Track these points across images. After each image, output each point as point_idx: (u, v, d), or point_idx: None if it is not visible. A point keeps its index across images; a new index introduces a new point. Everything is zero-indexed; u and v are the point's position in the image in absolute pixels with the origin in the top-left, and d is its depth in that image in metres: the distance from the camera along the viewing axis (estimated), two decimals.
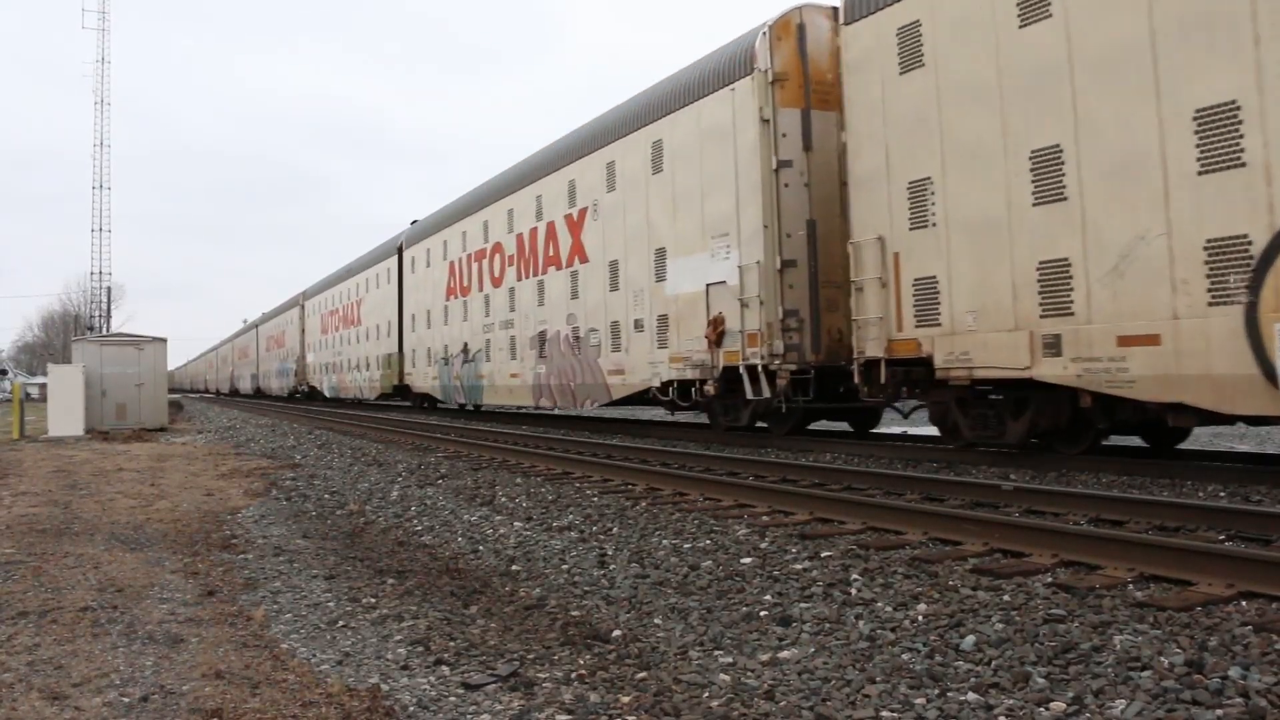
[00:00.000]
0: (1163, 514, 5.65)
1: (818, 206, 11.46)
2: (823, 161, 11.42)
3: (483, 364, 20.75)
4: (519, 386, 18.75)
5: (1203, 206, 6.97)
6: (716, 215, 12.36)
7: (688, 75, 13.47)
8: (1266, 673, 3.03)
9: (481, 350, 20.80)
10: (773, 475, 8.59)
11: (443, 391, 23.93)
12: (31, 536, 6.80)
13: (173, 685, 3.43)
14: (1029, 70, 8.27)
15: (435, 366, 23.96)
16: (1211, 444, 11.64)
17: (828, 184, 11.39)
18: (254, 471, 11.67)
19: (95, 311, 68.09)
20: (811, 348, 11.30)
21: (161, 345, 23.11)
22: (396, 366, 27.26)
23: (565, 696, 3.27)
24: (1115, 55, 7.56)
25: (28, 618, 4.43)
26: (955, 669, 3.32)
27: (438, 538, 6.70)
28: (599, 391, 15.61)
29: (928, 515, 5.71)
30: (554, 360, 17.24)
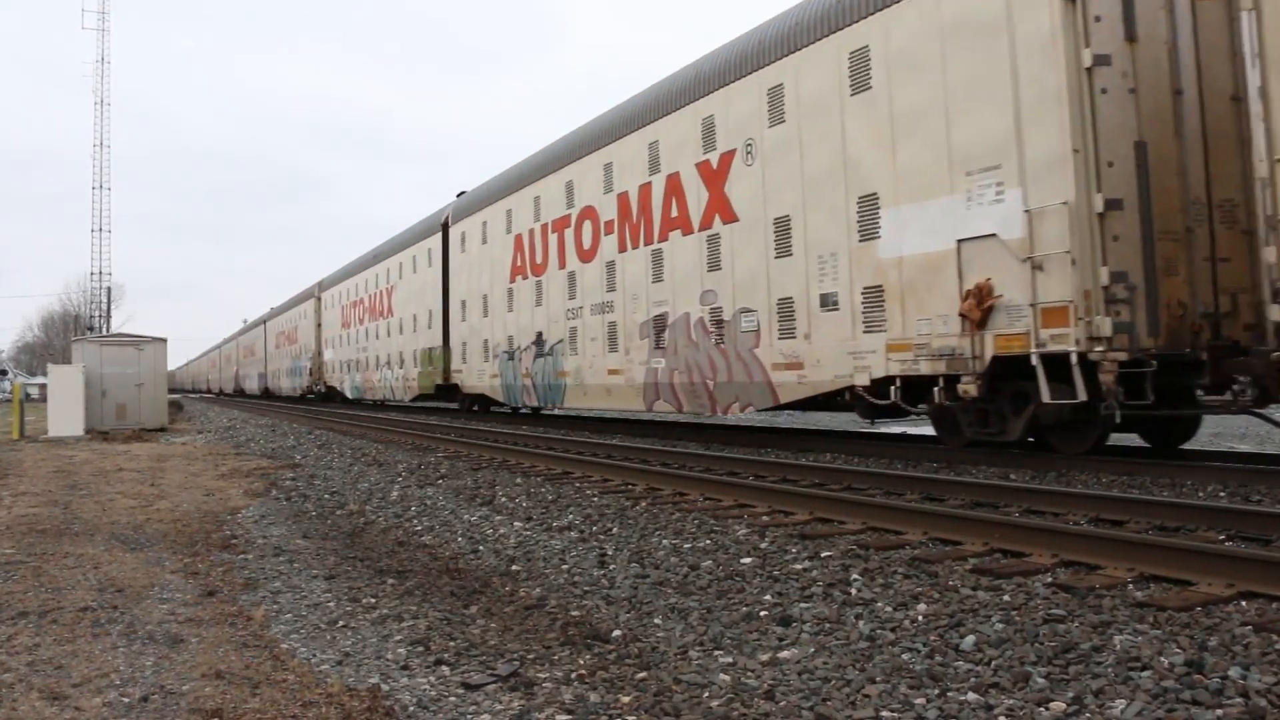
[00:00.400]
0: (1163, 514, 5.65)
1: (1148, 124, 8.05)
2: (1152, 58, 8.16)
3: (564, 358, 16.72)
4: (622, 386, 14.90)
5: None
6: (977, 142, 8.77)
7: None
8: (1266, 673, 3.03)
9: (563, 341, 16.82)
10: (773, 475, 8.59)
11: (505, 392, 19.44)
12: (31, 537, 6.80)
13: (173, 685, 3.43)
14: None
15: (495, 362, 19.83)
16: (1212, 444, 11.64)
17: (1159, 91, 8.17)
18: (254, 471, 11.67)
19: (95, 312, 68.09)
20: (1148, 328, 7.82)
21: (161, 345, 23.11)
22: (441, 362, 23.14)
23: (565, 696, 3.27)
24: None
25: (28, 618, 4.43)
26: (955, 669, 3.32)
27: (438, 538, 6.70)
28: (757, 393, 11.86)
29: (928, 515, 5.71)
30: (679, 352, 13.39)
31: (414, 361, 25.50)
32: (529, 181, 18.40)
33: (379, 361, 29.35)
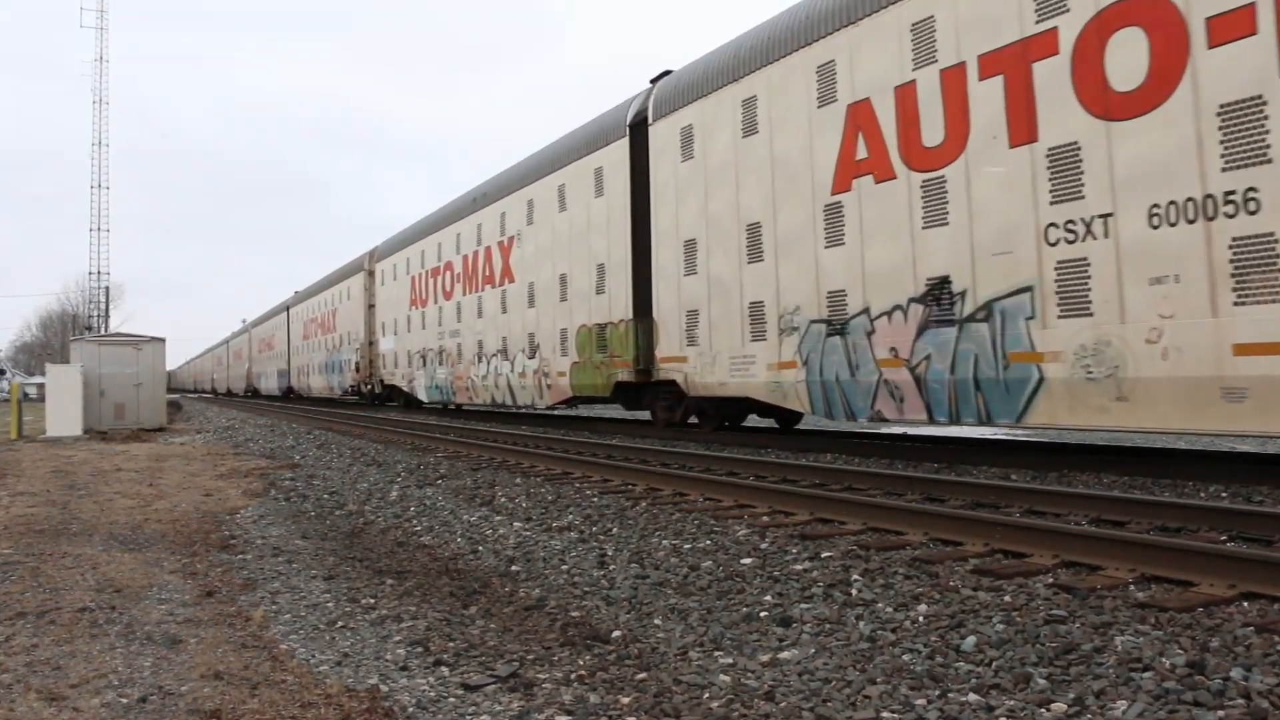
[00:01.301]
0: (1164, 514, 5.64)
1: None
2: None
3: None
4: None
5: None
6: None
7: None
8: (1268, 674, 3.02)
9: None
10: (773, 475, 8.58)
11: (824, 396, 10.65)
12: (29, 537, 6.78)
13: (171, 686, 3.42)
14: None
15: (789, 341, 11.12)
16: (1213, 445, 11.64)
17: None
18: (253, 472, 11.65)
19: (93, 311, 68.06)
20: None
21: (160, 345, 23.09)
22: (634, 341, 14.34)
23: (565, 697, 3.26)
24: None
25: (26, 618, 4.42)
26: (956, 670, 3.31)
27: (437, 538, 6.69)
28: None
29: (928, 516, 5.70)
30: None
31: (560, 346, 16.87)
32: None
33: (482, 350, 20.86)
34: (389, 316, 28.55)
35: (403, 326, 27.03)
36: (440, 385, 23.81)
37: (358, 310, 31.68)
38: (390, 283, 28.57)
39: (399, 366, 27.46)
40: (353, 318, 32.73)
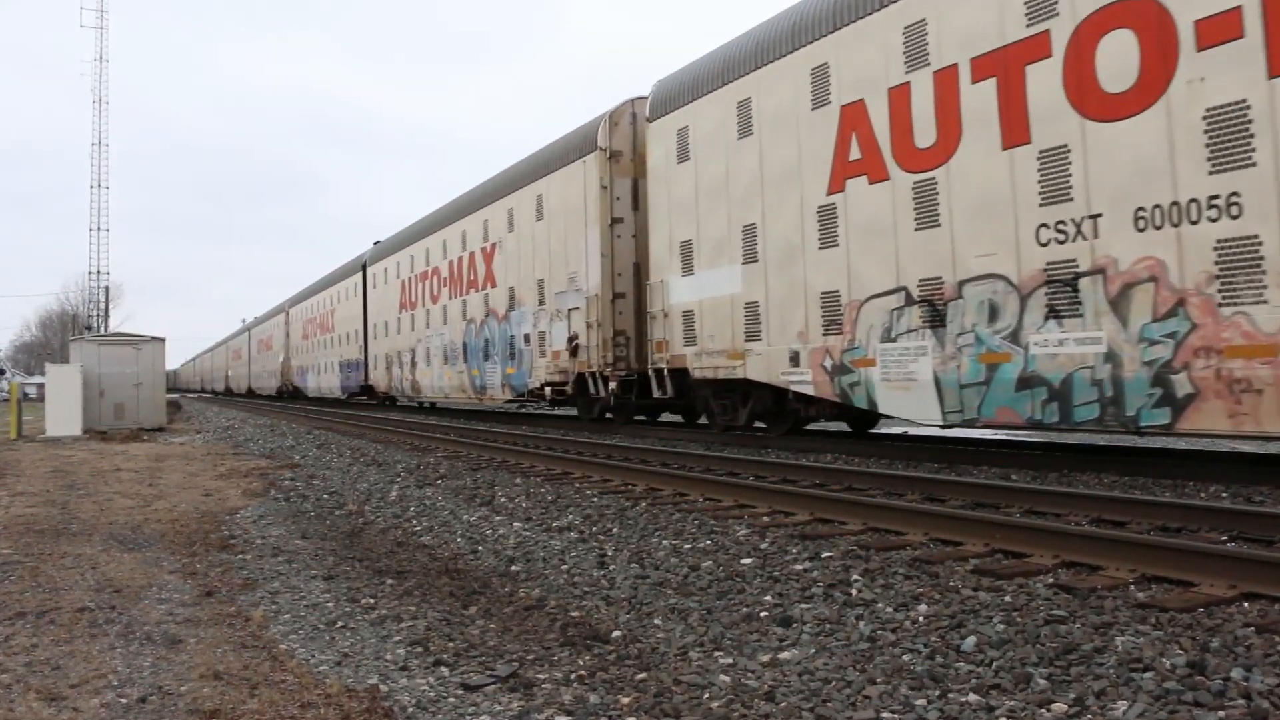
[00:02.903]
0: (1164, 515, 5.64)
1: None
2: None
3: None
4: None
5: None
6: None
7: None
8: (1269, 674, 3.02)
9: None
10: (773, 475, 8.58)
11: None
12: (29, 537, 6.78)
13: (171, 686, 3.41)
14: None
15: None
16: (1214, 445, 11.64)
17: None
18: (252, 471, 11.65)
19: (93, 311, 68.07)
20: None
21: (160, 345, 23.10)
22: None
23: (565, 697, 3.26)
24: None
25: (25, 618, 4.41)
26: (956, 670, 3.31)
27: (437, 538, 6.69)
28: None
29: (929, 516, 5.70)
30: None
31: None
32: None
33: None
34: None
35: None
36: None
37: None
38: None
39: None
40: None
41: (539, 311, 17.51)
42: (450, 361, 22.44)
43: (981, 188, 8.75)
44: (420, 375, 24.70)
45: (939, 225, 9.23)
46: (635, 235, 15.17)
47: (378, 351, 29.00)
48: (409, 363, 25.66)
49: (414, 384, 25.43)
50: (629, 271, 15.26)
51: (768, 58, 11.59)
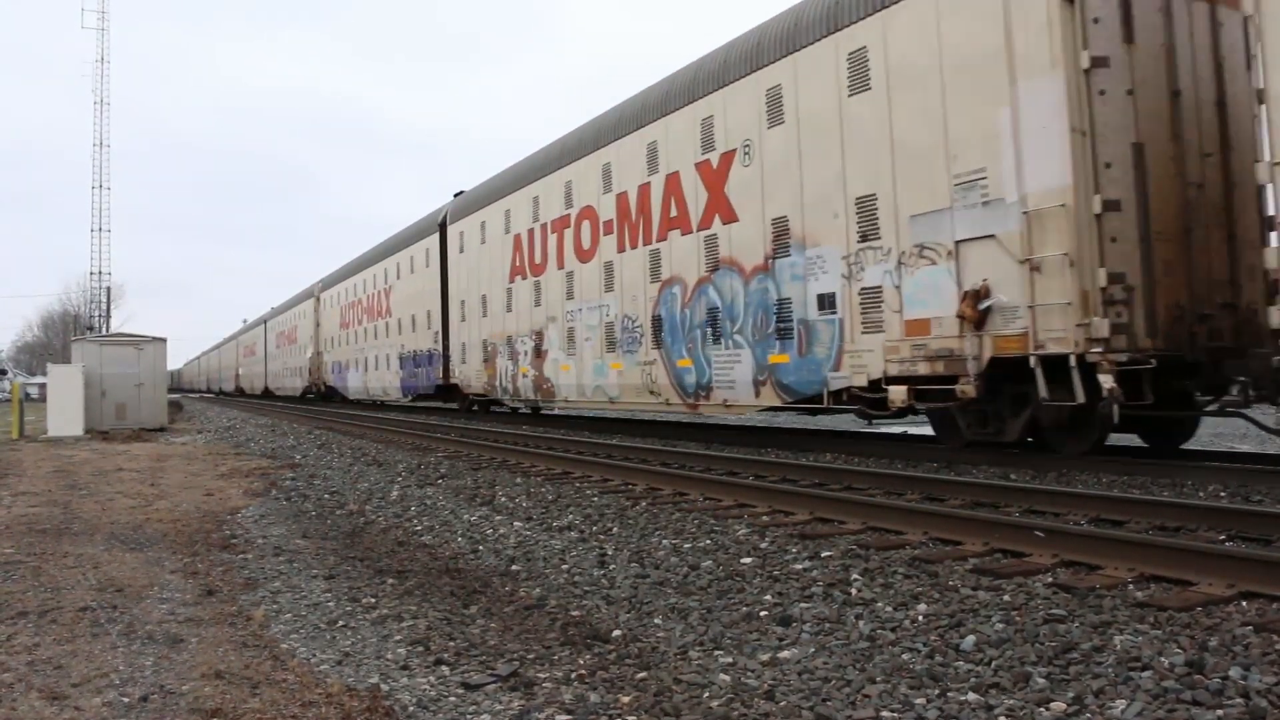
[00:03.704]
0: (1163, 514, 5.65)
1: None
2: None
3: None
4: None
5: None
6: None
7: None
8: (1267, 673, 3.03)
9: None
10: (773, 475, 8.59)
11: None
12: (31, 536, 6.79)
13: (172, 685, 3.42)
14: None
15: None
16: (1212, 444, 11.64)
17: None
18: (254, 471, 11.66)
19: (95, 311, 68.09)
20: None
21: (161, 345, 23.12)
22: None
23: (565, 696, 3.27)
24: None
25: (27, 618, 4.43)
26: (955, 669, 3.32)
27: (437, 538, 6.70)
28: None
29: (928, 515, 5.71)
30: None
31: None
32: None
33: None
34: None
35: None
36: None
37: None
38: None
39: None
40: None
41: (858, 253, 10.11)
42: (621, 347, 14.83)
43: None
44: (556, 370, 16.90)
45: None
46: (1132, 91, 8.00)
47: (467, 338, 21.30)
48: (529, 351, 17.91)
49: (542, 382, 17.52)
50: (1124, 159, 7.89)
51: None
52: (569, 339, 16.48)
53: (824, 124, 10.62)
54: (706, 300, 12.69)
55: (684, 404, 13.30)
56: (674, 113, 13.63)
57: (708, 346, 12.62)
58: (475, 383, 21.04)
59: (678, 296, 13.36)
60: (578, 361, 16.20)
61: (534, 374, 17.91)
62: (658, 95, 14.30)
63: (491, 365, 20.00)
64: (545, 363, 17.39)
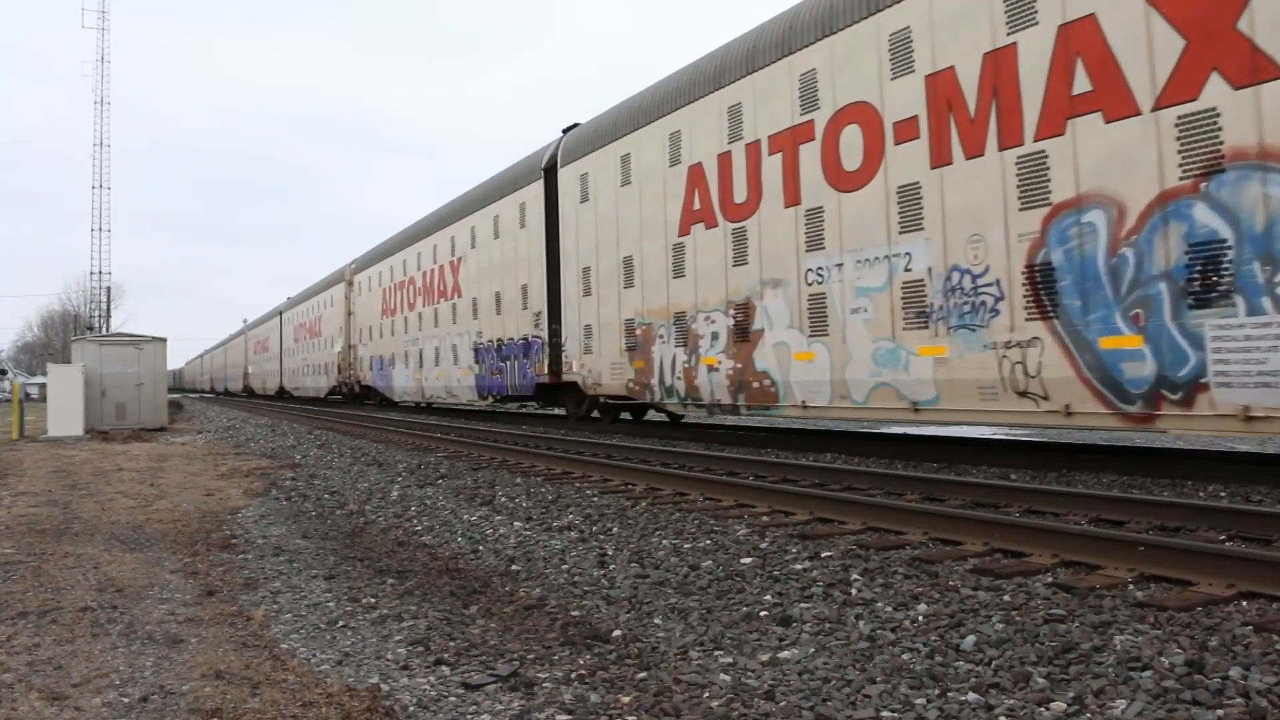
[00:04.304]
0: (1163, 514, 5.65)
1: None
2: None
3: None
4: None
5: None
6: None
7: None
8: (1267, 673, 3.03)
9: None
10: (773, 475, 8.59)
11: None
12: (31, 536, 6.79)
13: (172, 685, 3.42)
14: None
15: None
16: (1212, 444, 11.64)
17: None
18: (254, 471, 11.66)
19: (95, 311, 68.09)
20: None
21: (161, 345, 23.13)
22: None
23: (565, 696, 3.27)
24: None
25: (27, 618, 4.43)
26: (955, 669, 3.32)
27: (438, 537, 6.70)
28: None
29: (928, 515, 5.71)
30: None
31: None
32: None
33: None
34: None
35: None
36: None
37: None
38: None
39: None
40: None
41: None
42: (942, 318, 9.17)
43: None
44: (783, 359, 11.15)
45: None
46: None
47: (595, 319, 15.47)
48: (721, 333, 12.24)
49: (751, 378, 11.67)
50: None
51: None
52: (814, 311, 10.69)
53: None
54: (1185, 229, 7.11)
55: (1114, 413, 7.66)
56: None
57: (1190, 313, 7.03)
58: (609, 379, 15.06)
59: (1098, 229, 7.74)
60: (833, 345, 10.38)
61: (731, 366, 11.99)
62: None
63: (643, 355, 14.05)
64: (759, 349, 11.53)
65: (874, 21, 9.94)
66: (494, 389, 19.67)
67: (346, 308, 32.66)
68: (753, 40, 12.02)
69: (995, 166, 8.65)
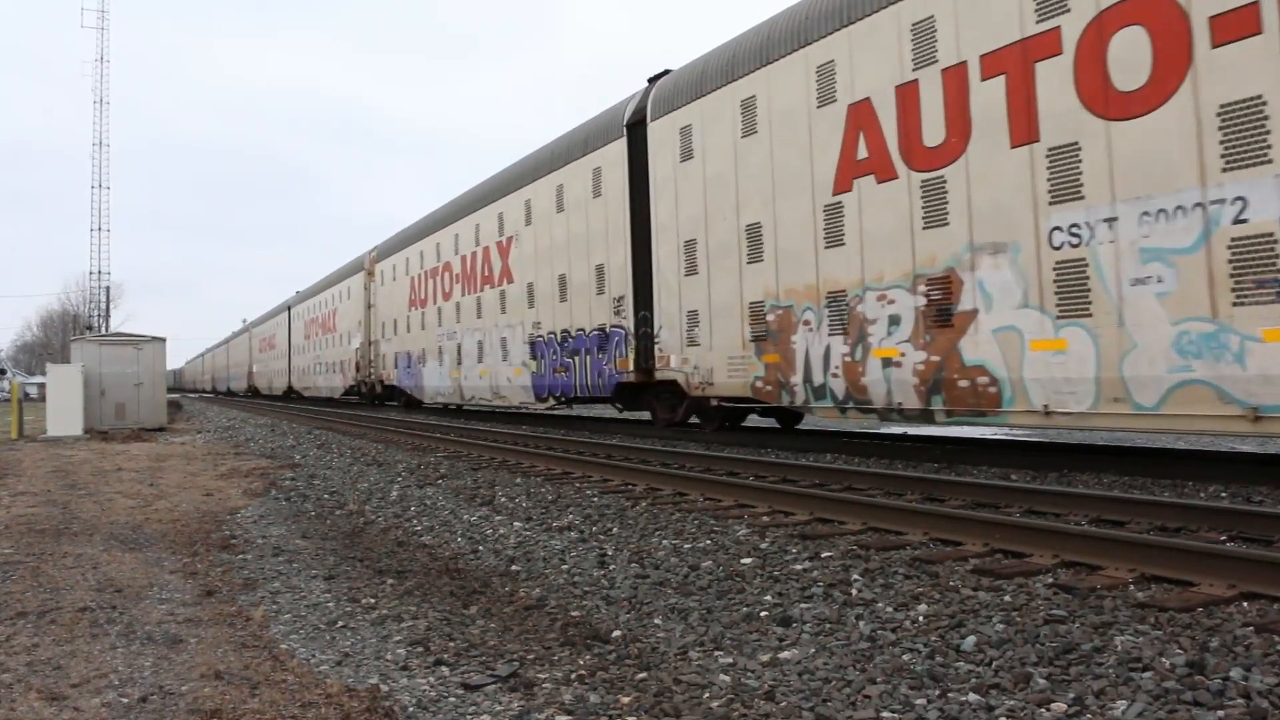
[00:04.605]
0: (1164, 514, 5.65)
1: None
2: None
3: None
4: None
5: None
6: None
7: None
8: (1268, 674, 3.03)
9: None
10: (773, 475, 8.58)
11: None
12: (30, 536, 6.79)
13: (172, 686, 3.42)
14: None
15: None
16: (1213, 445, 11.64)
17: None
18: (253, 471, 11.66)
19: (94, 311, 68.08)
20: None
21: (160, 345, 23.12)
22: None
23: (565, 697, 3.26)
24: None
25: (26, 618, 4.42)
26: (956, 669, 3.31)
27: (437, 538, 6.69)
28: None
29: (928, 515, 5.71)
30: None
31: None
32: None
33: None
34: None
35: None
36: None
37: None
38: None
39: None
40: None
41: None
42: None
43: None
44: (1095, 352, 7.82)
45: None
46: None
47: (702, 302, 12.73)
48: (921, 312, 9.37)
49: (994, 380, 8.63)
50: None
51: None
52: (1065, 284, 8.03)
53: None
54: None
55: None
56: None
57: None
58: (724, 377, 12.22)
59: None
60: (1101, 330, 7.75)
61: (921, 360, 9.34)
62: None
63: (778, 346, 11.26)
64: (969, 336, 8.87)
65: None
66: (556, 389, 16.64)
67: (366, 300, 29.81)
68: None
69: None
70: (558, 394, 16.64)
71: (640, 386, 14.39)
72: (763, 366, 11.51)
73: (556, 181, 16.83)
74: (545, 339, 17.18)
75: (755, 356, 11.65)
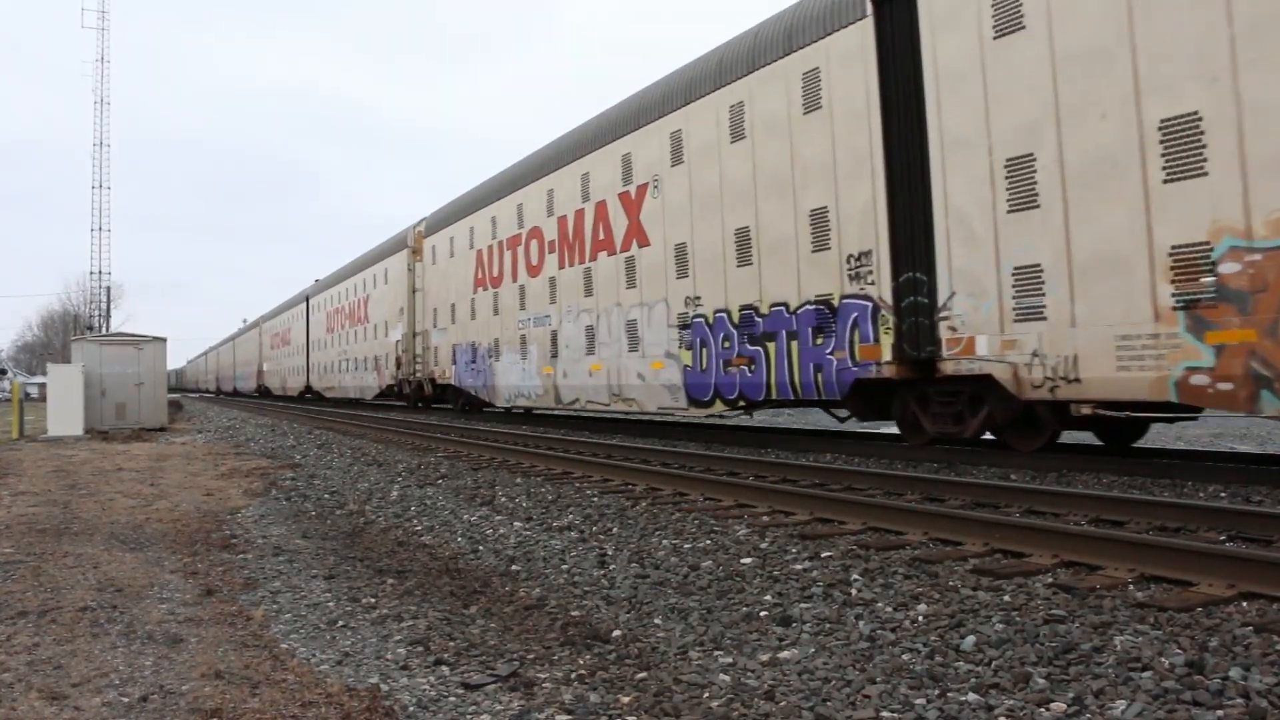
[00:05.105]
0: (1163, 514, 5.65)
1: None
2: None
3: None
4: None
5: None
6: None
7: None
8: (1267, 673, 3.03)
9: None
10: (773, 475, 8.58)
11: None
12: (31, 536, 6.79)
13: (172, 685, 3.42)
14: None
15: None
16: (1213, 445, 11.64)
17: None
18: (254, 471, 11.66)
19: (95, 311, 68.08)
20: None
21: (161, 345, 23.12)
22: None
23: (565, 696, 3.26)
24: None
25: (27, 617, 4.43)
26: (955, 669, 3.31)
27: (437, 538, 6.70)
28: None
29: (928, 515, 5.71)
30: None
31: None
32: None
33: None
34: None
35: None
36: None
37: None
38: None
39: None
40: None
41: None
42: None
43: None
44: None
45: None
46: None
47: (1073, 246, 7.98)
48: None
49: None
50: None
51: None
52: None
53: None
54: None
55: None
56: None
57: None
58: (1103, 369, 7.86)
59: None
60: None
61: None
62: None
63: (1253, 313, 6.80)
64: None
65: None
66: (730, 389, 12.35)
67: (411, 283, 24.79)
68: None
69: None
70: (732, 396, 12.30)
71: (896, 384, 10.18)
72: (1207, 352, 7.13)
73: (729, 100, 12.35)
74: (709, 320, 12.74)
75: (1188, 334, 7.26)
